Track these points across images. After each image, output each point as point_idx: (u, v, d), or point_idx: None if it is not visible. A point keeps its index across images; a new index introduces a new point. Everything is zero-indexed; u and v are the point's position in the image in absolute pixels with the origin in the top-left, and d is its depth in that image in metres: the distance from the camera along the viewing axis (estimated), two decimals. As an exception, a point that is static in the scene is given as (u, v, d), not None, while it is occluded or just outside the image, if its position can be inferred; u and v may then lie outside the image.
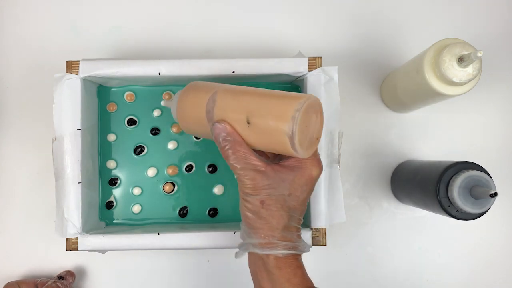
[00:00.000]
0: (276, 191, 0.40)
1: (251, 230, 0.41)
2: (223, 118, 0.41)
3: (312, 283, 0.41)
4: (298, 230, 0.42)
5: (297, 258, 0.41)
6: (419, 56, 0.49)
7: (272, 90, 0.41)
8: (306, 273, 0.42)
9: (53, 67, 0.53)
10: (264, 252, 0.40)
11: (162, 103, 0.51)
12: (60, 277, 0.57)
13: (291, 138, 0.37)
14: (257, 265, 0.42)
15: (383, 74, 0.62)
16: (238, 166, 0.40)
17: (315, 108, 0.39)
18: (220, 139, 0.40)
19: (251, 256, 0.42)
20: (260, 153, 0.44)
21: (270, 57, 0.51)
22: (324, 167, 0.49)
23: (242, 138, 0.40)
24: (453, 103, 0.59)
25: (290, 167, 0.41)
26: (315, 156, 0.42)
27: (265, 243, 0.40)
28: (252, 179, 0.40)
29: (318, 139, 0.41)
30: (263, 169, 0.40)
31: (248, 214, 0.41)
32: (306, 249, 0.42)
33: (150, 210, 0.54)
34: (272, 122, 0.38)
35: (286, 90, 0.54)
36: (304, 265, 0.40)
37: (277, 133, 0.38)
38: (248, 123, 0.39)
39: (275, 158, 0.44)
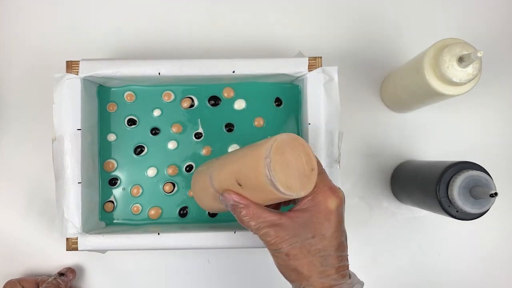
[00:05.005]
0: (298, 238, 0.38)
1: (291, 283, 0.40)
2: (224, 188, 0.41)
3: None
4: (341, 269, 0.39)
5: None
6: (419, 56, 0.49)
7: (249, 145, 0.40)
8: None
9: (53, 67, 0.53)
10: None
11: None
12: (61, 274, 0.57)
13: (274, 185, 0.36)
14: None
15: (383, 74, 0.62)
16: (253, 227, 0.39)
17: (289, 144, 0.38)
18: (230, 208, 0.40)
19: None
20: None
21: (270, 57, 0.51)
22: (324, 168, 0.49)
23: (248, 199, 0.40)
24: (453, 103, 0.59)
25: (304, 209, 0.39)
26: (325, 186, 0.40)
27: None
28: (270, 235, 0.39)
29: (313, 169, 0.38)
30: (278, 221, 0.39)
31: (281, 268, 0.40)
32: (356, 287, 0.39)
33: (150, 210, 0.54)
34: (252, 176, 0.38)
35: (285, 90, 0.55)
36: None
37: (262, 185, 0.37)
38: (240, 185, 0.39)
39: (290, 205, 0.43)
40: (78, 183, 0.49)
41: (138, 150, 0.54)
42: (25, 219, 0.60)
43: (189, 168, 0.54)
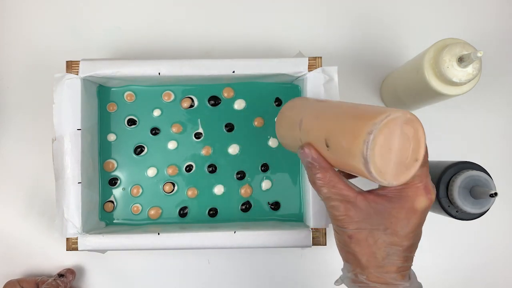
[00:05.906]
0: (367, 224, 0.35)
1: (343, 261, 0.38)
2: (308, 141, 0.37)
3: None
4: (402, 270, 0.36)
5: None
6: (419, 56, 0.49)
7: (356, 105, 0.35)
8: None
9: (53, 67, 0.53)
10: None
11: None
12: (60, 275, 0.57)
13: (366, 165, 0.31)
14: None
15: (383, 74, 0.62)
16: (324, 195, 0.36)
17: (401, 125, 0.32)
18: (305, 164, 0.37)
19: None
20: None
21: (270, 57, 0.51)
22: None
23: (329, 163, 0.35)
24: (453, 103, 0.59)
25: (386, 197, 0.35)
26: (420, 182, 0.35)
27: (355, 280, 0.36)
28: (339, 211, 0.35)
29: (417, 160, 0.33)
30: (352, 199, 0.35)
31: (339, 246, 0.37)
32: None
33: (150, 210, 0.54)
34: (345, 145, 0.33)
35: (285, 90, 0.55)
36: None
37: (352, 159, 0.32)
38: (327, 146, 0.35)
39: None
40: (78, 183, 0.49)
41: (138, 150, 0.54)
42: (25, 219, 0.60)
43: (189, 168, 0.54)
